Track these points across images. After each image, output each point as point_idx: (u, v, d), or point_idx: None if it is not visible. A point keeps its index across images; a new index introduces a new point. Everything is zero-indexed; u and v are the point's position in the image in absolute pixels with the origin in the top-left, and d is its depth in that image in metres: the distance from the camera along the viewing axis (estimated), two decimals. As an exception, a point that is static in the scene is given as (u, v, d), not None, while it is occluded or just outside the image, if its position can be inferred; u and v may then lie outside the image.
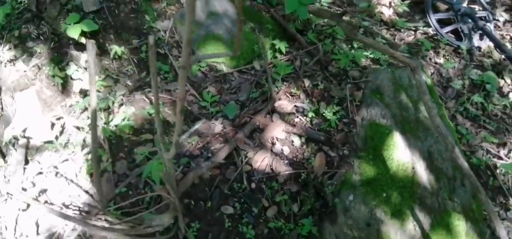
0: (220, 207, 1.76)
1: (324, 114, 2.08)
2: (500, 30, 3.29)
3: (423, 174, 1.87)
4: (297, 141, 2.00)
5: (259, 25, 2.53)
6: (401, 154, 1.85)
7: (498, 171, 2.29)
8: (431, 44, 2.99)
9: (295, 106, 2.16)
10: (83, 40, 2.23)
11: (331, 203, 1.78)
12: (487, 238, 1.83)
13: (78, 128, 2.06)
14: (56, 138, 2.00)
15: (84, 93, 2.18)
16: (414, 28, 3.22)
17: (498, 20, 3.31)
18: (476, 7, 3.24)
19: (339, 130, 2.02)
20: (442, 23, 3.16)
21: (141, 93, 2.17)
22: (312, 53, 2.49)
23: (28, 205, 1.83)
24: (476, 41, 3.04)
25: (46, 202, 1.85)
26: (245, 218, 1.73)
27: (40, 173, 1.94)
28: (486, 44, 3.04)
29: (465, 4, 3.15)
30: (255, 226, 1.71)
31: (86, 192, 1.88)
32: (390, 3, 3.39)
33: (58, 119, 2.08)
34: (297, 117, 2.11)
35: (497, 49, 2.90)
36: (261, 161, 1.91)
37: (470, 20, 3.06)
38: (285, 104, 2.17)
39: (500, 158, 2.38)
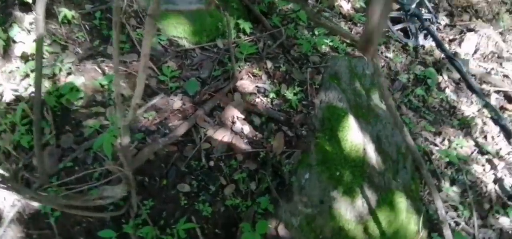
0: (176, 185, 1.62)
1: (284, 95, 2.02)
2: (440, 32, 3.49)
3: (372, 156, 1.91)
4: (257, 121, 1.91)
5: (224, 3, 2.38)
6: (354, 135, 1.86)
7: (433, 156, 2.43)
8: (383, 39, 3.08)
9: (256, 86, 2.06)
10: (26, -1, 1.89)
11: (288, 181, 1.73)
12: (423, 215, 1.93)
13: (17, 97, 1.76)
14: (-9, 106, 1.69)
15: (26, 58, 1.86)
16: (369, 24, 3.29)
17: (439, 23, 3.51)
18: (423, 10, 3.40)
19: (298, 112, 1.97)
20: (393, 21, 3.26)
21: (93, 63, 1.92)
22: (275, 36, 2.41)
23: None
24: (421, 40, 3.19)
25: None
26: (202, 196, 1.61)
27: (-27, 144, 1.63)
28: (429, 43, 3.20)
29: (414, 6, 3.28)
30: (212, 204, 1.61)
31: (25, 166, 1.62)
32: (349, -2, 3.42)
33: (-6, 85, 1.76)
34: (258, 97, 2.02)
35: (438, 48, 3.08)
36: (220, 139, 1.80)
37: (417, 20, 3.20)
38: (247, 84, 2.07)
39: (435, 145, 2.53)
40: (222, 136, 1.81)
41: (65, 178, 1.56)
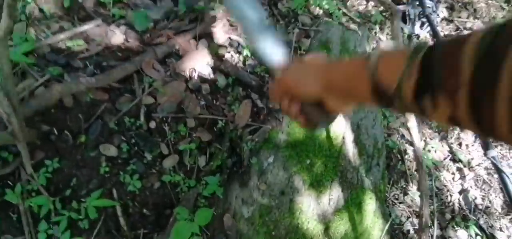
0: (98, 145, 1.14)
1: (261, 56, 1.55)
2: (437, 25, 3.10)
3: (350, 147, 1.55)
4: (222, 81, 1.44)
5: None
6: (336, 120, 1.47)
7: (406, 157, 2.15)
8: (380, 18, 2.63)
9: (229, 38, 1.56)
10: None
11: (247, 162, 1.32)
12: (390, 220, 1.65)
13: None
14: None
15: None
16: (367, -2, 2.81)
17: (438, 15, 3.11)
18: (425, -4, 2.96)
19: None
20: (393, 0, 2.80)
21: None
22: (262, -19, 1.86)
23: None
24: (417, 28, 2.79)
25: None
26: (132, 164, 1.16)
27: None
28: (424, 34, 2.82)
29: (418, -11, 2.83)
30: (144, 177, 1.17)
31: None
32: (351, -37, 2.87)
33: None
34: (229, 52, 1.53)
35: (434, 40, 2.70)
36: (170, 95, 1.32)
37: (419, 5, 2.76)
38: (218, 32, 1.55)
39: (411, 144, 2.24)
40: (174, 92, 1.33)
41: None
